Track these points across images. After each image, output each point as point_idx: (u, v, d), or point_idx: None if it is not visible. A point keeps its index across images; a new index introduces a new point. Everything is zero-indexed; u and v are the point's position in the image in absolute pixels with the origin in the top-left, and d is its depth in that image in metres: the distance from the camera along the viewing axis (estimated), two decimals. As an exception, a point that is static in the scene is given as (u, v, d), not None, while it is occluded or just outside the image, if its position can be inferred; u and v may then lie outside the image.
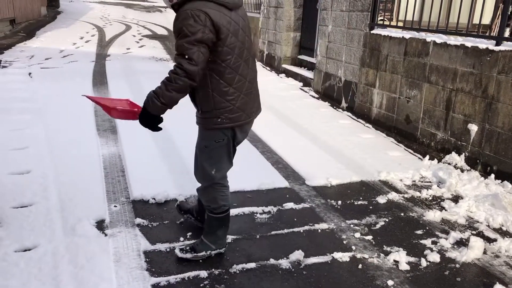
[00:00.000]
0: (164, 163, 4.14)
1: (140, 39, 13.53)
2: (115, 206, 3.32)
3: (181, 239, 2.95)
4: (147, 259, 2.71)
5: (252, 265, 2.71)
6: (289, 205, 3.53)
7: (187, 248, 2.74)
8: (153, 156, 4.30)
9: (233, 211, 3.35)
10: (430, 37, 4.87)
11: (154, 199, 3.46)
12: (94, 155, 4.25)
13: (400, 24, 5.77)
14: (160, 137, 4.83)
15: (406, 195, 3.84)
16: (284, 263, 2.75)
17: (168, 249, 2.82)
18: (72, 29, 14.77)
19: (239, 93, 2.45)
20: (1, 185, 3.50)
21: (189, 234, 3.00)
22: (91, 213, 3.14)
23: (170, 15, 22.40)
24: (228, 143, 2.55)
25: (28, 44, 11.14)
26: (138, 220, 3.14)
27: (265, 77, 9.01)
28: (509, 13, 6.29)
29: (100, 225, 3.04)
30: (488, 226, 3.36)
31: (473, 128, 4.28)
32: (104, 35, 13.86)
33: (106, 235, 2.93)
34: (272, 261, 2.76)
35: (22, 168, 3.85)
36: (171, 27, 16.88)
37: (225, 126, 2.47)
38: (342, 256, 2.85)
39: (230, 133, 2.52)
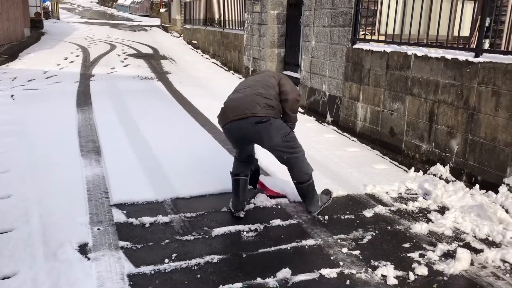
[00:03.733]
0: (150, 184, 4.10)
1: (125, 59, 13.52)
2: (98, 229, 3.25)
3: (166, 260, 2.89)
4: (131, 283, 2.65)
5: (238, 285, 2.66)
6: (276, 222, 3.50)
7: None
8: (138, 177, 4.25)
9: (219, 230, 3.31)
10: (411, 50, 4.93)
11: (138, 220, 3.41)
12: (78, 177, 4.18)
13: (382, 38, 5.84)
14: (145, 156, 4.78)
15: (392, 208, 3.83)
16: (271, 281, 2.71)
17: (152, 272, 2.77)
18: (56, 50, 14.72)
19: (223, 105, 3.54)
20: (-19, 210, 3.42)
21: (174, 255, 2.95)
22: (73, 237, 3.08)
23: (155, 33, 22.49)
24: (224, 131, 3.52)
25: (11, 66, 11.06)
26: (122, 243, 3.08)
27: (250, 93, 9.02)
28: (487, 25, 6.41)
29: (83, 249, 2.97)
30: (475, 236, 3.36)
31: (457, 139, 4.32)
32: (89, 55, 13.83)
33: (89, 259, 2.86)
34: (259, 280, 2.72)
35: (3, 192, 3.77)
36: (156, 46, 16.98)
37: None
38: (330, 273, 2.82)
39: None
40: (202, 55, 15.14)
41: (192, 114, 7.02)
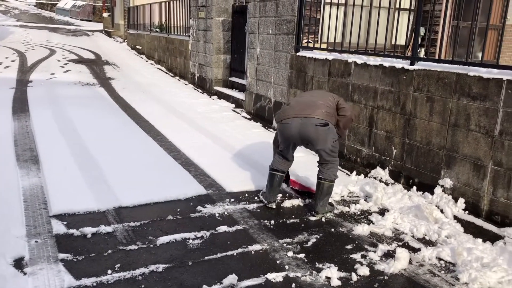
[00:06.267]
0: (91, 193, 3.97)
1: (66, 64, 13.04)
2: (36, 242, 3.11)
3: (109, 271, 2.80)
4: (72, 296, 2.55)
5: (184, 293, 2.63)
6: (223, 228, 3.49)
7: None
8: (79, 186, 4.10)
9: (164, 239, 3.26)
10: (351, 58, 5.10)
11: (80, 231, 3.28)
12: (13, 188, 3.98)
13: (324, 46, 6.00)
14: (86, 164, 4.63)
15: (335, 211, 3.93)
16: (217, 288, 2.70)
17: (94, 284, 2.68)
18: (-11, 54, 13.96)
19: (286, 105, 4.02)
20: None
21: (117, 266, 2.87)
22: (8, 251, 2.92)
23: (97, 38, 21.86)
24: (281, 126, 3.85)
25: None
26: (62, 255, 2.96)
27: (196, 99, 8.98)
28: (422, 34, 6.77)
29: (19, 263, 2.83)
30: (413, 236, 3.52)
31: (395, 143, 4.51)
32: (26, 60, 13.23)
33: (25, 273, 2.72)
34: (205, 287, 2.70)
35: None
36: (98, 51, 16.50)
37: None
38: (276, 277, 2.85)
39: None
40: (146, 61, 14.90)
41: (136, 120, 6.88)
